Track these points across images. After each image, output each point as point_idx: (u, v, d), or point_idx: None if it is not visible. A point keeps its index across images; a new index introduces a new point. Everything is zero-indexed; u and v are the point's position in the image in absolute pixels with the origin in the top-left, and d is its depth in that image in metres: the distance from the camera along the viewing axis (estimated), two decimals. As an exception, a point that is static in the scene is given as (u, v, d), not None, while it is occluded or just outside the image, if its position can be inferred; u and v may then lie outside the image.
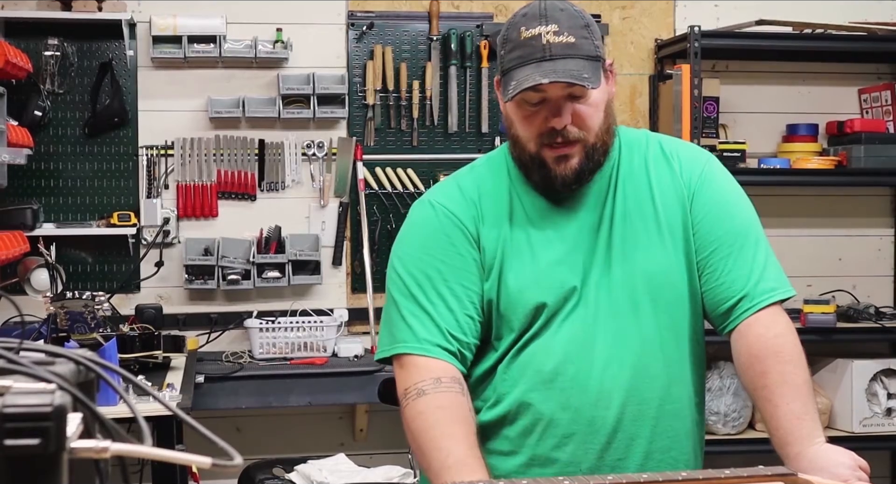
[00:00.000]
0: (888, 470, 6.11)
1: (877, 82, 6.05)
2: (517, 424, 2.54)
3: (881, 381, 5.56)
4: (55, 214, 5.48)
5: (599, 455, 2.50)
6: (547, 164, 2.49)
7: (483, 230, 2.57)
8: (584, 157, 2.49)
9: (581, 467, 2.49)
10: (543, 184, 2.54)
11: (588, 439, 2.49)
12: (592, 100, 2.48)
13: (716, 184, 2.63)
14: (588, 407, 2.48)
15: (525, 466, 2.54)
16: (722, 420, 5.37)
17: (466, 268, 2.55)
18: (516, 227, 2.57)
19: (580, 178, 2.51)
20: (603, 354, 2.49)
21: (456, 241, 2.56)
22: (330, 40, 5.69)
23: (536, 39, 2.42)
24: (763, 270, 2.53)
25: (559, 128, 2.44)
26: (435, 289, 2.54)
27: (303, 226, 5.67)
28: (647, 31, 5.93)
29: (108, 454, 1.16)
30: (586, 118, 2.48)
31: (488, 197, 2.61)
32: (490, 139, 5.71)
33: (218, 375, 5.06)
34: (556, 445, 2.51)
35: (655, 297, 2.53)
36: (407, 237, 2.65)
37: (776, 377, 2.39)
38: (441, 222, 2.59)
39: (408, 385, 2.48)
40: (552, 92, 2.42)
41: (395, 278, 2.60)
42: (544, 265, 2.52)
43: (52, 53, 5.39)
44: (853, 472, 2.23)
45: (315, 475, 4.52)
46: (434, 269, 2.55)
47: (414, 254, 2.60)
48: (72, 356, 1.27)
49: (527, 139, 2.50)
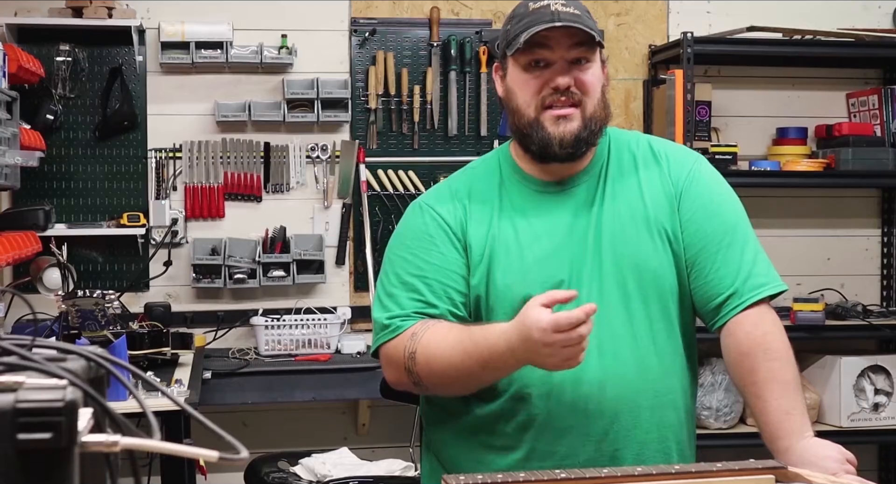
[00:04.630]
0: (875, 463, 6.09)
1: (864, 87, 6.06)
2: (515, 420, 2.56)
3: (868, 377, 5.59)
4: (67, 215, 5.48)
5: (597, 446, 2.52)
6: (545, 127, 2.53)
7: (470, 229, 2.61)
8: (582, 124, 2.53)
9: (579, 459, 2.51)
10: (541, 152, 2.56)
11: (585, 432, 2.52)
12: (592, 71, 2.54)
13: (704, 182, 2.66)
14: (584, 400, 2.50)
15: (524, 461, 2.55)
16: (714, 415, 5.38)
17: (446, 266, 2.59)
18: (505, 224, 2.61)
19: (578, 143, 2.54)
20: (597, 347, 2.48)
21: (438, 240, 2.61)
22: (333, 46, 5.70)
23: (545, 8, 2.50)
24: (752, 267, 2.55)
25: (563, 85, 2.50)
26: (414, 287, 2.58)
27: (307, 226, 5.68)
28: (642, 37, 5.93)
29: (118, 448, 1.16)
30: (587, 85, 2.53)
31: (478, 195, 2.66)
32: (489, 142, 5.69)
33: (225, 371, 5.09)
34: (553, 439, 2.53)
35: (645, 290, 2.56)
36: (395, 239, 2.72)
37: (765, 374, 2.42)
38: (426, 224, 2.65)
39: (398, 363, 2.53)
40: (558, 52, 2.49)
41: (381, 279, 2.68)
42: (531, 260, 2.55)
43: (64, 59, 5.38)
44: (841, 465, 2.26)
45: (319, 468, 4.55)
46: (416, 267, 2.60)
47: (399, 254, 2.66)
48: (83, 353, 1.26)
49: (527, 104, 2.54)
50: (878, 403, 5.60)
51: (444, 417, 2.70)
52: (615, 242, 2.57)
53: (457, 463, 2.65)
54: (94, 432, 1.16)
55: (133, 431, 1.21)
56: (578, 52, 2.51)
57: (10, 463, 1.10)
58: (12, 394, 1.11)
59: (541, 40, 2.50)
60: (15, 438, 1.09)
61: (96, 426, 1.17)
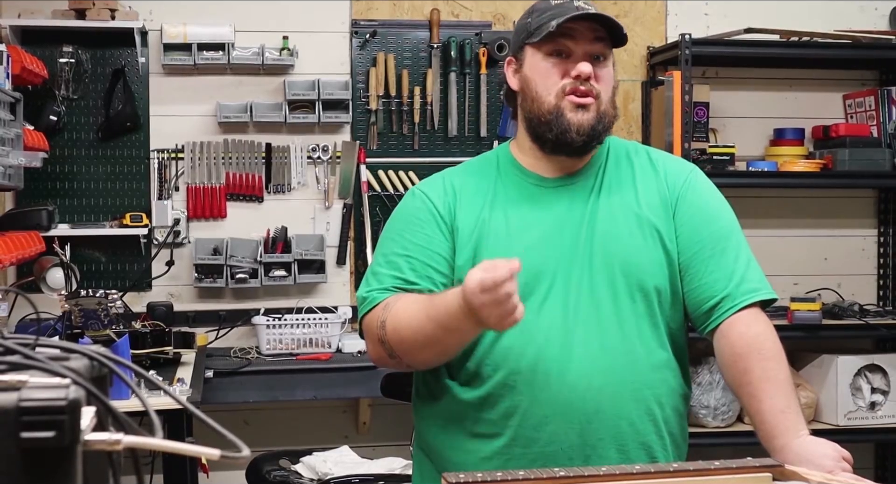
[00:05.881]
0: (872, 462, 6.12)
1: (861, 88, 6.07)
2: (499, 407, 2.58)
3: (865, 376, 5.60)
4: (70, 215, 5.50)
5: (580, 435, 2.54)
6: (565, 113, 2.58)
7: (459, 214, 2.67)
8: (597, 116, 2.60)
9: (562, 447, 2.54)
10: (557, 139, 2.61)
11: (569, 420, 2.53)
12: (608, 69, 2.64)
13: (700, 190, 2.71)
14: (568, 389, 2.52)
15: (507, 447, 2.58)
16: (712, 413, 5.39)
17: (430, 246, 2.64)
18: (496, 212, 2.65)
19: (594, 132, 2.60)
20: (583, 339, 2.53)
21: (425, 222, 2.67)
22: (334, 48, 5.72)
23: (569, 3, 2.59)
24: (745, 273, 2.59)
25: (585, 73, 2.56)
26: (396, 264, 2.65)
27: (308, 226, 5.71)
28: (640, 38, 5.96)
29: (121, 446, 1.17)
30: (604, 79, 2.62)
31: (472, 185, 2.72)
32: (488, 143, 5.72)
33: (226, 370, 5.11)
34: (537, 426, 2.55)
35: (633, 286, 2.59)
36: (388, 222, 2.81)
37: (759, 374, 2.45)
38: (416, 207, 2.71)
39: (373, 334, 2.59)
40: (581, 44, 2.58)
41: (374, 259, 2.74)
42: (520, 248, 2.57)
43: (67, 60, 5.41)
44: (837, 463, 2.28)
45: (320, 467, 4.57)
46: (401, 246, 2.66)
47: (388, 235, 2.74)
48: (86, 352, 1.26)
49: (548, 91, 2.61)
50: (874, 402, 5.62)
51: (431, 403, 2.73)
52: (607, 238, 2.61)
53: (441, 452, 2.69)
54: (96, 431, 1.16)
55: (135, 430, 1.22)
56: (598, 47, 2.61)
57: (13, 461, 1.10)
58: (16, 393, 1.11)
59: (566, 31, 2.57)
60: (18, 436, 1.09)
61: (99, 425, 1.18)
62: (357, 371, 5.27)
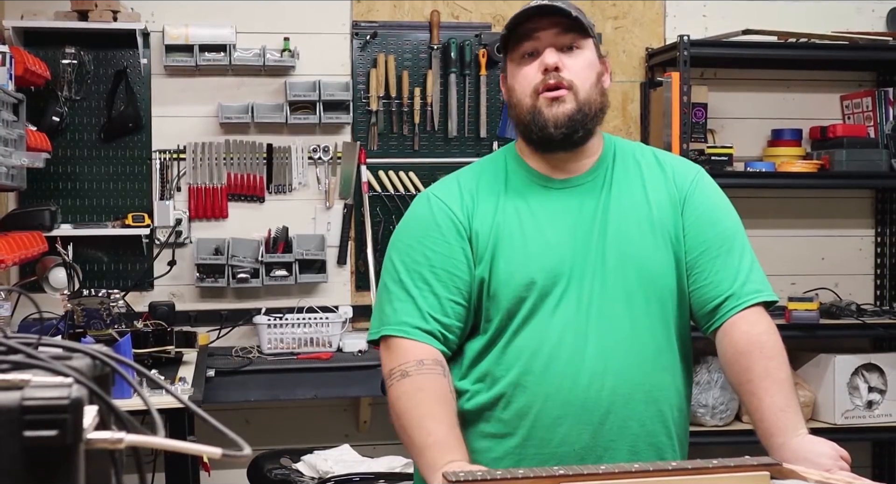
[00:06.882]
0: (869, 460, 6.14)
1: (858, 89, 6.09)
2: (512, 407, 2.56)
3: (862, 375, 5.63)
4: (72, 216, 5.53)
5: (592, 436, 2.52)
6: (542, 110, 2.58)
7: (476, 219, 2.63)
8: (576, 106, 2.58)
9: (574, 447, 2.53)
10: (540, 137, 2.61)
11: (581, 421, 2.52)
12: (583, 57, 2.62)
13: (706, 191, 2.70)
14: (581, 389, 2.51)
15: (519, 447, 2.56)
16: (710, 412, 5.42)
17: (453, 255, 2.60)
18: (510, 216, 2.62)
19: (573, 123, 2.58)
20: (596, 339, 2.52)
21: (445, 230, 2.63)
22: (335, 49, 5.74)
23: (531, 3, 2.61)
24: (749, 273, 2.58)
25: (549, 63, 2.56)
26: (421, 275, 2.60)
27: (309, 227, 5.73)
28: (639, 40, 5.98)
29: (123, 445, 1.16)
30: (576, 69, 2.59)
31: (485, 188, 2.69)
32: (488, 144, 5.76)
33: (228, 369, 5.13)
34: (550, 426, 2.53)
35: (647, 287, 2.58)
36: (402, 228, 2.74)
37: (760, 372, 2.44)
38: (434, 213, 2.66)
39: (392, 366, 2.53)
40: (545, 41, 2.58)
41: (388, 266, 2.68)
42: (534, 249, 2.57)
43: (70, 62, 5.44)
44: (835, 461, 2.27)
45: (321, 465, 4.57)
46: (423, 256, 2.61)
47: (406, 242, 2.68)
48: (88, 351, 1.25)
49: (523, 94, 2.61)
50: (871, 401, 5.64)
51: None
52: (620, 240, 2.60)
53: None
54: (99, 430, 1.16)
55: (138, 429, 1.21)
56: (567, 39, 2.60)
57: (16, 460, 1.10)
58: (18, 392, 1.11)
59: (527, 33, 2.60)
60: (21, 435, 1.09)
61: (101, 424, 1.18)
62: (357, 370, 5.28)
